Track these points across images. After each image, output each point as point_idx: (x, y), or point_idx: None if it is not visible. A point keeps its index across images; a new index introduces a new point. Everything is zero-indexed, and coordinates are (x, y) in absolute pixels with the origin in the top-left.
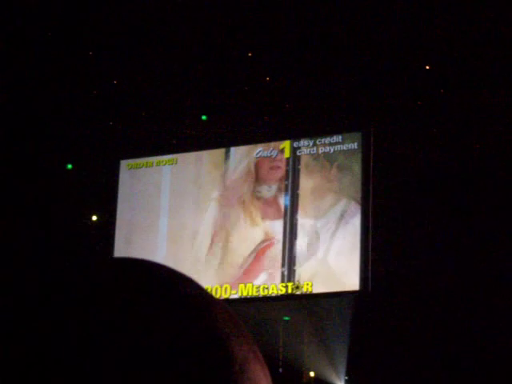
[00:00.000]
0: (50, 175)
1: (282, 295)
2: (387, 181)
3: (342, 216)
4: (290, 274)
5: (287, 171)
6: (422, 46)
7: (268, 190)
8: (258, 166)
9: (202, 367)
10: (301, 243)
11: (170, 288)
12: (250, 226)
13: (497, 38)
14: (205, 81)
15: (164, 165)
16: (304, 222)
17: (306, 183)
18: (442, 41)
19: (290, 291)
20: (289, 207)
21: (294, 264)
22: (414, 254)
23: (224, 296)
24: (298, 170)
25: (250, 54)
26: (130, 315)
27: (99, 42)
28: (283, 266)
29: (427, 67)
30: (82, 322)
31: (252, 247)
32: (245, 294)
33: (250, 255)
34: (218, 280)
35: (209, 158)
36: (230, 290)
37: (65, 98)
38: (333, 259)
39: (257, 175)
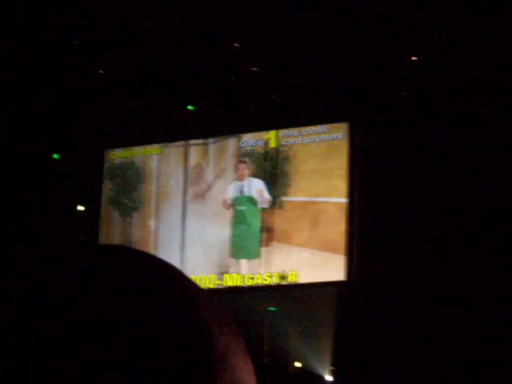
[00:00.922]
0: (36, 165)
1: (267, 285)
2: (373, 171)
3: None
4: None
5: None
6: (408, 37)
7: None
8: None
9: (183, 355)
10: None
11: (153, 276)
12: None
13: (486, 27)
14: (191, 71)
15: (149, 154)
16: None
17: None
18: (429, 31)
19: (275, 281)
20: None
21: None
22: (401, 244)
23: (209, 286)
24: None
25: (236, 45)
26: (113, 305)
27: (86, 31)
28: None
29: (414, 58)
30: (69, 315)
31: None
32: (230, 283)
33: None
34: (202, 271)
35: (193, 150)
36: (216, 280)
37: (51, 88)
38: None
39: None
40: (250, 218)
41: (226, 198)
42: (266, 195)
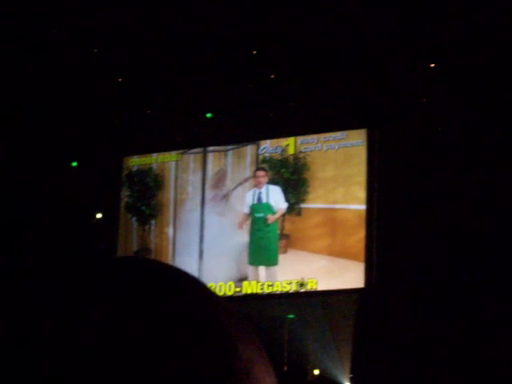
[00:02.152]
0: (55, 173)
1: (286, 293)
2: (392, 178)
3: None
4: None
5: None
6: (426, 45)
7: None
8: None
9: (208, 367)
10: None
11: (175, 288)
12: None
13: (503, 35)
14: (210, 79)
15: (168, 161)
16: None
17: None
18: (447, 38)
19: (294, 288)
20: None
21: None
22: (420, 251)
23: (228, 293)
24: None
25: (254, 52)
26: (134, 315)
27: (104, 39)
28: None
29: (432, 65)
30: (85, 323)
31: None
32: (249, 291)
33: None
34: (220, 278)
35: (211, 157)
36: (235, 287)
37: (70, 96)
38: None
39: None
40: (267, 225)
41: (245, 214)
42: (282, 205)
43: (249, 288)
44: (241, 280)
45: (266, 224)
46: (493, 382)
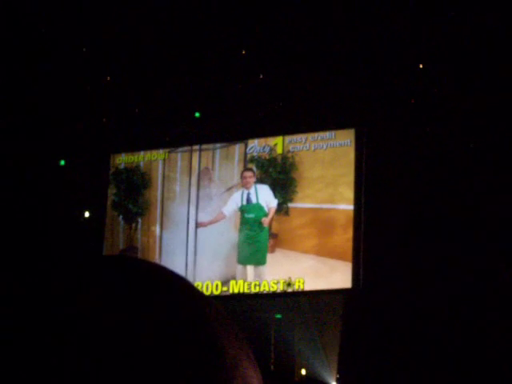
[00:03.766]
0: (42, 172)
1: (273, 292)
2: (380, 178)
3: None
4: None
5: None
6: (415, 45)
7: None
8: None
9: (194, 366)
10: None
11: (161, 287)
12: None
13: (491, 36)
14: (198, 78)
15: (155, 159)
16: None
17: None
18: (436, 39)
19: (281, 288)
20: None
21: None
22: (408, 251)
23: (215, 293)
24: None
25: (243, 52)
26: (120, 314)
27: (93, 38)
28: None
29: (421, 66)
30: (76, 323)
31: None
32: (236, 290)
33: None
34: (207, 277)
35: (199, 155)
36: (221, 286)
37: (58, 94)
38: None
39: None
40: (257, 226)
41: (222, 214)
42: (272, 203)
43: (236, 287)
44: (228, 279)
45: (260, 227)
46: (482, 381)
